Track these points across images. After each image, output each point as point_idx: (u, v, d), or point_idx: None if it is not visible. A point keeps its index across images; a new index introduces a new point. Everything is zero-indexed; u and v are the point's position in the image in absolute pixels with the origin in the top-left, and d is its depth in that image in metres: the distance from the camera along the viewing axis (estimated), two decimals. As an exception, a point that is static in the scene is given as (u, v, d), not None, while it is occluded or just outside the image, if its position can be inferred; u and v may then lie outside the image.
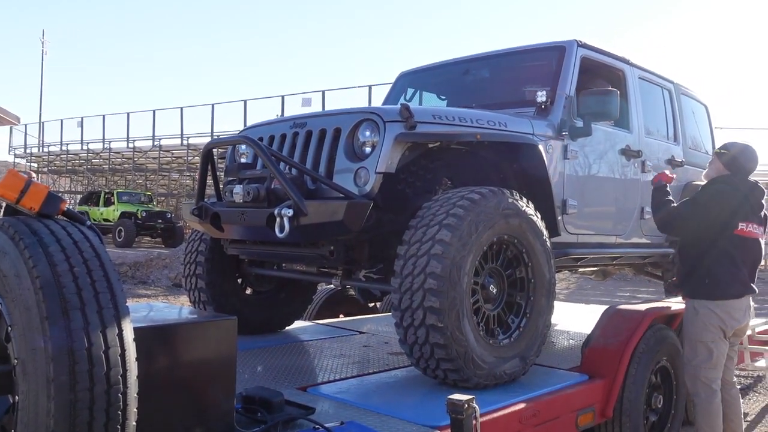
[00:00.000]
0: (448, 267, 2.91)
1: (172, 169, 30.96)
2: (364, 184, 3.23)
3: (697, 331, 3.68)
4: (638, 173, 4.77)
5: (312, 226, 3.12)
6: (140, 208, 22.68)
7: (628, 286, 15.08)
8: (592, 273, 6.24)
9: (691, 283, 3.78)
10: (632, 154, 4.65)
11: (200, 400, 2.10)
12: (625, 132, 4.66)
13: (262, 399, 2.51)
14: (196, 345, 2.09)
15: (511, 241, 3.29)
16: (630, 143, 4.66)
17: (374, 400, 2.90)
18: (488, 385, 3.09)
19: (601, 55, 4.52)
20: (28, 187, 1.80)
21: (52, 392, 1.49)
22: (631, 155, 4.65)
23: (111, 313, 1.63)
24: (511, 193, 3.29)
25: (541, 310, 3.39)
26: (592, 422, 3.35)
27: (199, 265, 4.20)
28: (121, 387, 1.58)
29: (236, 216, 3.46)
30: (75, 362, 1.52)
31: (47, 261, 1.62)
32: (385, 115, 3.27)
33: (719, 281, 3.66)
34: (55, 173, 34.40)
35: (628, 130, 4.71)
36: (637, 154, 4.69)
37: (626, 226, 4.71)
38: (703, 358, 3.65)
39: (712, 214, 3.69)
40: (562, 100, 4.09)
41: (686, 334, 3.78)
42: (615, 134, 4.56)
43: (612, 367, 3.45)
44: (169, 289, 12.89)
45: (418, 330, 2.96)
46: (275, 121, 3.93)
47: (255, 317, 4.39)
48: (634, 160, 4.73)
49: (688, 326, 3.75)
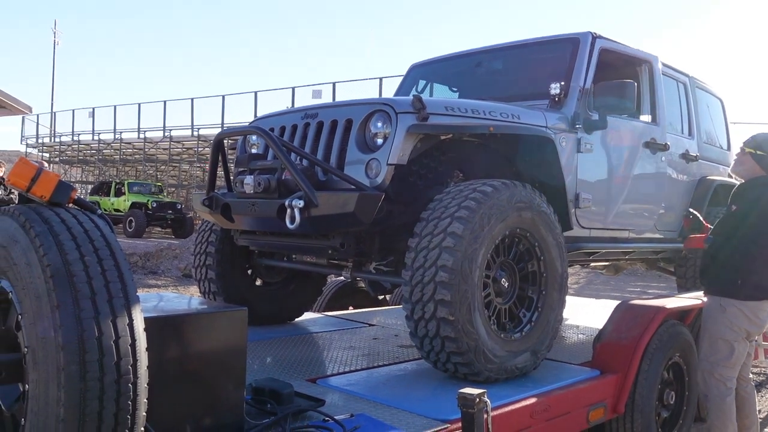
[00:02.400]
0: (459, 260, 2.88)
1: (182, 160, 31.06)
2: (375, 175, 3.21)
3: (720, 329, 3.61)
4: (665, 167, 4.73)
5: (323, 217, 3.10)
6: (151, 198, 22.76)
7: (640, 281, 14.98)
8: (603, 268, 6.19)
9: (719, 280, 3.69)
10: (659, 147, 4.60)
11: (210, 391, 2.09)
12: (652, 125, 4.61)
13: (271, 390, 2.50)
14: (207, 335, 2.08)
15: (523, 234, 3.25)
16: (656, 136, 4.62)
17: (384, 393, 2.88)
18: (499, 379, 3.07)
19: (625, 48, 4.48)
20: (39, 176, 1.79)
21: (62, 381, 1.48)
22: (657, 148, 4.60)
23: (121, 302, 1.61)
24: (524, 186, 3.26)
25: (552, 304, 3.36)
26: (604, 418, 3.32)
27: (209, 256, 4.20)
28: (131, 377, 1.57)
29: (247, 207, 3.44)
30: (85, 351, 1.51)
31: (58, 249, 1.61)
32: (398, 106, 3.24)
33: (753, 282, 3.59)
34: (67, 163, 34.60)
35: (656, 123, 4.66)
36: (663, 147, 4.65)
37: (643, 220, 4.66)
38: (723, 356, 3.59)
39: (753, 216, 3.62)
40: (576, 93, 4.05)
41: (707, 330, 3.71)
42: (639, 126, 4.51)
43: (624, 362, 3.41)
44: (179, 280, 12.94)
45: (428, 323, 2.94)
46: (286, 112, 3.91)
47: (265, 308, 4.39)
48: (660, 153, 4.68)
49: (710, 323, 3.68)
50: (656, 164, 4.71)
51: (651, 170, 4.67)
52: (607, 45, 4.29)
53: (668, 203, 4.88)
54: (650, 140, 4.55)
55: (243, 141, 4.11)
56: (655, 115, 4.68)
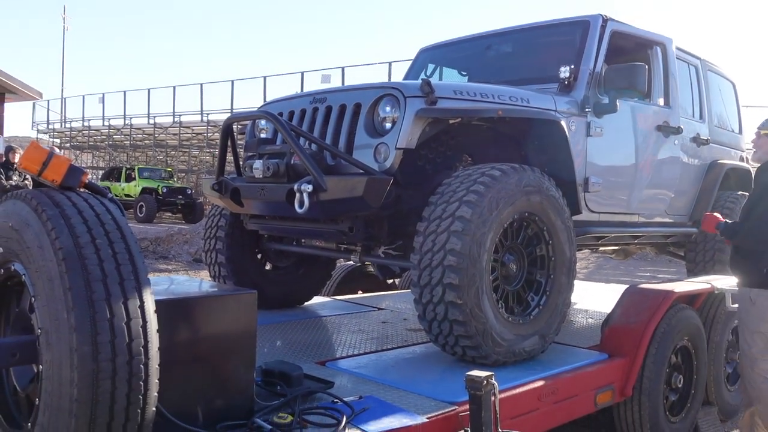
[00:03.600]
0: (467, 244, 2.89)
1: (192, 146, 31.14)
2: (384, 160, 3.21)
3: (754, 321, 3.49)
4: (677, 151, 4.70)
5: (332, 201, 3.11)
6: (161, 184, 22.87)
7: (649, 266, 14.94)
8: (612, 252, 6.18)
9: (745, 270, 3.55)
10: (671, 130, 4.57)
11: (220, 373, 2.12)
12: (665, 108, 4.58)
13: (281, 372, 2.53)
14: (217, 318, 2.10)
15: (532, 218, 3.25)
16: (669, 120, 4.58)
17: (392, 376, 2.90)
18: (507, 363, 3.09)
19: (637, 30, 4.44)
20: (50, 160, 1.81)
21: (75, 362, 1.50)
22: (670, 131, 4.58)
23: (132, 285, 1.63)
24: (532, 170, 3.25)
25: (561, 288, 3.36)
26: (611, 401, 3.34)
27: (219, 240, 4.23)
28: (142, 358, 1.60)
29: (256, 191, 3.46)
30: (97, 333, 1.53)
31: (69, 233, 1.63)
32: (406, 90, 3.23)
33: None
34: (77, 149, 34.78)
35: (669, 106, 4.63)
36: (676, 130, 4.62)
37: (652, 204, 4.64)
38: (760, 349, 3.46)
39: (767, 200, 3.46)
40: (586, 76, 4.02)
41: (742, 324, 3.59)
42: (651, 110, 4.48)
43: (632, 346, 3.42)
44: (190, 264, 13.02)
45: (437, 307, 2.95)
46: (295, 97, 3.91)
47: (274, 292, 4.42)
48: (673, 137, 4.65)
49: (744, 315, 3.56)
50: (668, 148, 4.67)
51: (662, 154, 4.63)
52: (619, 27, 4.25)
53: (679, 187, 4.85)
54: (663, 123, 4.52)
55: (252, 126, 4.12)
56: (669, 99, 4.63)
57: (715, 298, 4.18)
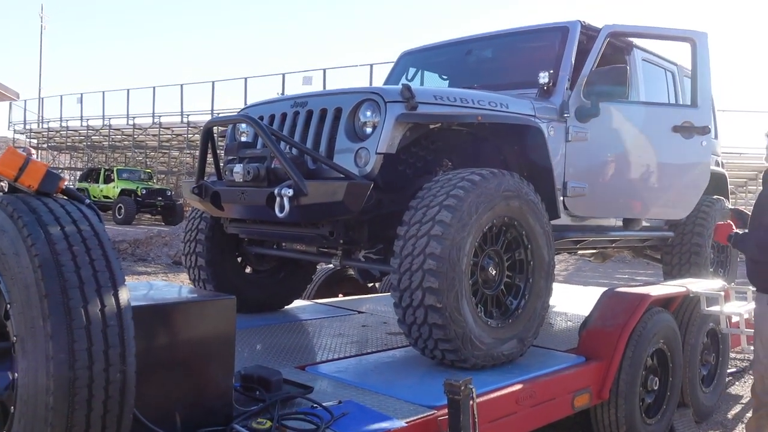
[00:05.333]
0: (447, 248, 2.91)
1: (172, 147, 30.85)
2: (364, 164, 3.22)
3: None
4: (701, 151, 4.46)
5: (312, 206, 3.11)
6: (140, 185, 22.65)
7: (627, 268, 15.11)
8: (591, 255, 6.25)
9: (760, 276, 3.49)
10: (696, 130, 4.34)
11: (199, 379, 2.11)
12: (688, 108, 4.47)
13: (260, 378, 2.52)
14: (195, 324, 2.09)
15: (511, 223, 3.28)
16: (693, 119, 4.40)
17: (372, 380, 2.91)
18: (486, 366, 3.11)
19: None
20: (27, 165, 1.79)
21: (51, 370, 1.49)
22: (696, 132, 4.36)
23: (110, 291, 1.63)
24: (511, 175, 3.28)
25: (539, 292, 3.40)
26: (588, 403, 3.38)
27: (199, 243, 4.21)
28: (120, 365, 1.59)
29: (236, 195, 3.45)
30: (74, 340, 1.52)
31: (46, 239, 1.61)
32: (386, 95, 3.25)
33: None
34: (55, 150, 34.30)
35: (695, 105, 4.52)
36: (702, 130, 4.39)
37: (632, 209, 4.58)
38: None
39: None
40: (565, 82, 4.06)
41: (758, 331, 3.56)
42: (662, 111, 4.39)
43: (609, 349, 3.46)
44: (169, 267, 12.91)
45: (417, 310, 2.97)
46: (276, 100, 3.90)
47: (255, 296, 4.41)
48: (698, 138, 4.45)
49: (760, 322, 3.52)
50: (687, 149, 4.45)
51: (677, 156, 4.45)
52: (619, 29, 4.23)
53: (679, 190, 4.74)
54: (683, 124, 4.30)
55: (232, 129, 4.11)
56: (696, 97, 4.41)
57: (690, 301, 4.25)
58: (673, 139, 4.31)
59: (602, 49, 4.16)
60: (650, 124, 4.32)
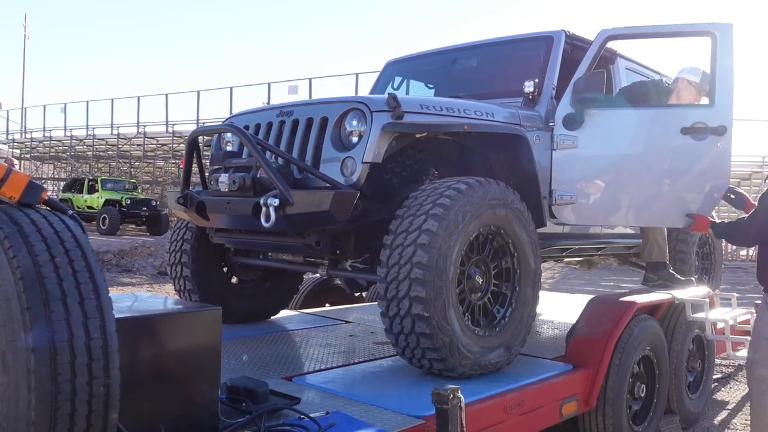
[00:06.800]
0: (434, 257, 2.90)
1: (157, 157, 30.67)
2: (350, 173, 3.22)
3: (764, 327, 3.54)
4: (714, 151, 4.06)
5: (298, 215, 3.10)
6: (125, 195, 22.45)
7: (612, 275, 15.21)
8: (577, 263, 6.27)
9: (763, 276, 3.59)
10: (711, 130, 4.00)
11: (184, 391, 2.09)
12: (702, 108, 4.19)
13: (246, 389, 2.50)
14: (180, 335, 2.07)
15: (497, 231, 3.29)
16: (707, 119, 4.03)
17: (360, 390, 2.90)
18: (473, 375, 3.10)
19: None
20: (8, 176, 1.76)
21: (33, 384, 1.47)
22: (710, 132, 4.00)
23: (93, 303, 1.60)
24: (498, 184, 3.29)
25: (526, 300, 3.40)
26: (576, 411, 3.38)
27: (184, 254, 4.18)
28: (103, 379, 1.57)
29: (222, 205, 3.43)
30: (56, 353, 1.50)
31: (27, 251, 1.59)
32: (372, 104, 3.25)
33: None
34: (38, 160, 33.98)
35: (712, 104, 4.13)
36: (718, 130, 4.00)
37: (619, 217, 4.32)
38: (763, 355, 3.52)
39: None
40: (550, 91, 4.08)
41: (754, 329, 3.65)
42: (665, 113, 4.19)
43: (596, 357, 3.47)
44: (154, 278, 12.80)
45: (404, 319, 2.96)
46: (262, 109, 3.90)
47: (241, 306, 4.38)
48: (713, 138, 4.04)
49: (758, 321, 3.61)
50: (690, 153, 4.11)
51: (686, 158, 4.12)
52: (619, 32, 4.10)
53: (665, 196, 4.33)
54: (694, 125, 4.01)
55: (218, 138, 4.09)
56: (714, 95, 4.10)
57: (675, 308, 4.27)
58: (682, 142, 4.03)
59: (599, 54, 4.06)
60: (653, 127, 4.12)
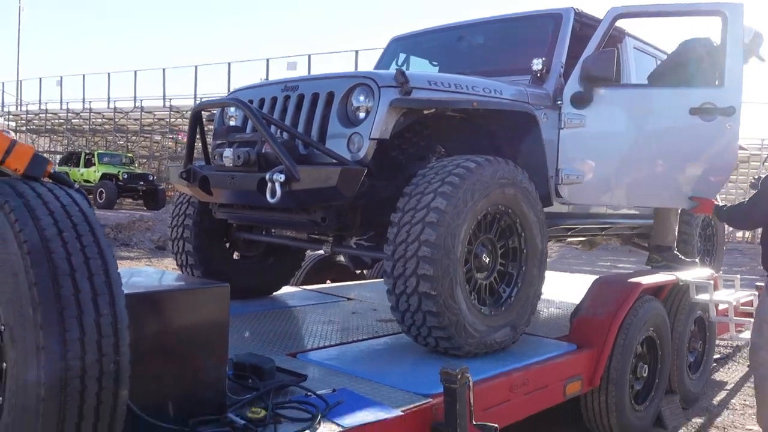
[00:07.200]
0: (442, 235, 2.87)
1: (154, 131, 30.49)
2: (357, 150, 3.17)
3: (766, 310, 3.52)
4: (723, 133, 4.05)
5: (304, 191, 3.06)
6: (122, 169, 22.34)
7: (610, 255, 15.24)
8: (578, 243, 6.26)
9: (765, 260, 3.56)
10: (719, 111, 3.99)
11: (192, 368, 2.06)
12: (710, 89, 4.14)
13: (252, 366, 2.48)
14: (189, 312, 2.04)
15: (505, 210, 3.25)
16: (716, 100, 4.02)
17: (364, 368, 2.88)
18: (479, 354, 3.09)
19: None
20: (13, 148, 1.72)
21: (42, 360, 1.44)
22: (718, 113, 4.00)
23: (102, 279, 1.56)
24: (507, 163, 3.25)
25: (532, 280, 3.38)
26: (580, 391, 3.38)
27: (186, 229, 4.13)
28: (113, 356, 1.54)
29: (226, 180, 3.38)
30: (65, 330, 1.46)
31: (34, 225, 1.55)
32: (380, 80, 3.19)
33: None
34: (34, 133, 33.73)
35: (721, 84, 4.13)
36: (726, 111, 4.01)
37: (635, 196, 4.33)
38: (766, 339, 3.49)
39: None
40: (558, 69, 4.02)
41: (757, 314, 3.62)
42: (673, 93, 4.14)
43: (600, 337, 3.46)
44: (152, 252, 12.75)
45: (410, 297, 2.93)
46: (265, 84, 3.84)
47: (243, 282, 4.34)
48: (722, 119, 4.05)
49: (760, 306, 3.59)
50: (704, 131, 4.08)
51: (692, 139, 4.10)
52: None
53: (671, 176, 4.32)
54: (702, 105, 3.99)
55: (221, 113, 4.02)
56: (723, 76, 4.08)
57: (679, 289, 4.27)
58: (690, 122, 4.00)
59: (608, 33, 4.00)
60: (661, 107, 4.09)
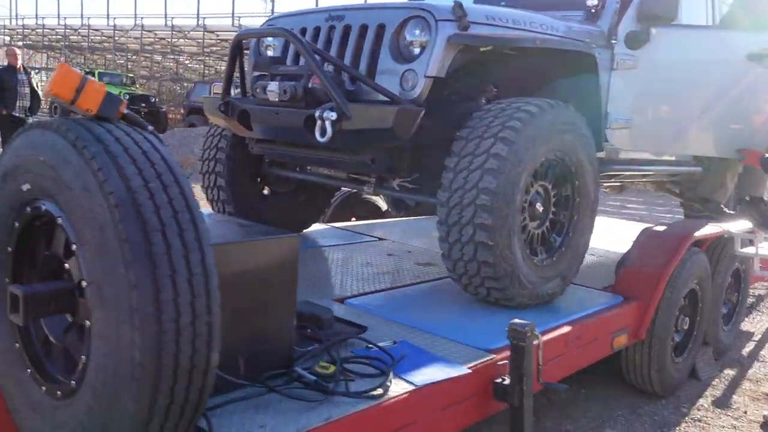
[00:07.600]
0: (502, 183, 2.75)
1: (154, 51, 29.69)
2: (411, 88, 3.00)
3: None
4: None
5: (357, 131, 2.91)
6: (123, 90, 21.82)
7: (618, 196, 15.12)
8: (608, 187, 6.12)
9: None
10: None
11: (263, 320, 1.99)
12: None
13: (311, 315, 2.40)
14: (259, 263, 1.94)
15: (562, 158, 3.11)
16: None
17: (415, 316, 2.81)
18: (530, 305, 3.03)
19: None
20: (84, 86, 1.56)
21: (137, 323, 1.33)
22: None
23: (192, 235, 1.44)
24: (567, 107, 3.09)
25: (583, 229, 3.29)
26: (626, 344, 3.34)
27: (219, 163, 3.99)
28: (206, 317, 1.44)
29: (269, 115, 3.22)
30: (159, 291, 1.36)
31: (119, 174, 1.41)
32: (437, 12, 2.98)
33: None
34: (31, 48, 32.84)
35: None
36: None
37: (688, 143, 4.30)
38: None
39: None
40: (614, 5, 3.78)
41: None
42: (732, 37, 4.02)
43: (648, 289, 3.39)
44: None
45: (465, 246, 2.83)
46: (307, 12, 3.60)
47: (274, 219, 4.21)
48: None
49: None
50: (755, 81, 4.03)
51: (735, 88, 4.03)
52: None
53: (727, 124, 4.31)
54: (761, 51, 3.89)
55: (257, 42, 3.80)
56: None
57: (721, 241, 4.18)
58: (747, 68, 3.88)
59: None
60: (719, 51, 3.93)
